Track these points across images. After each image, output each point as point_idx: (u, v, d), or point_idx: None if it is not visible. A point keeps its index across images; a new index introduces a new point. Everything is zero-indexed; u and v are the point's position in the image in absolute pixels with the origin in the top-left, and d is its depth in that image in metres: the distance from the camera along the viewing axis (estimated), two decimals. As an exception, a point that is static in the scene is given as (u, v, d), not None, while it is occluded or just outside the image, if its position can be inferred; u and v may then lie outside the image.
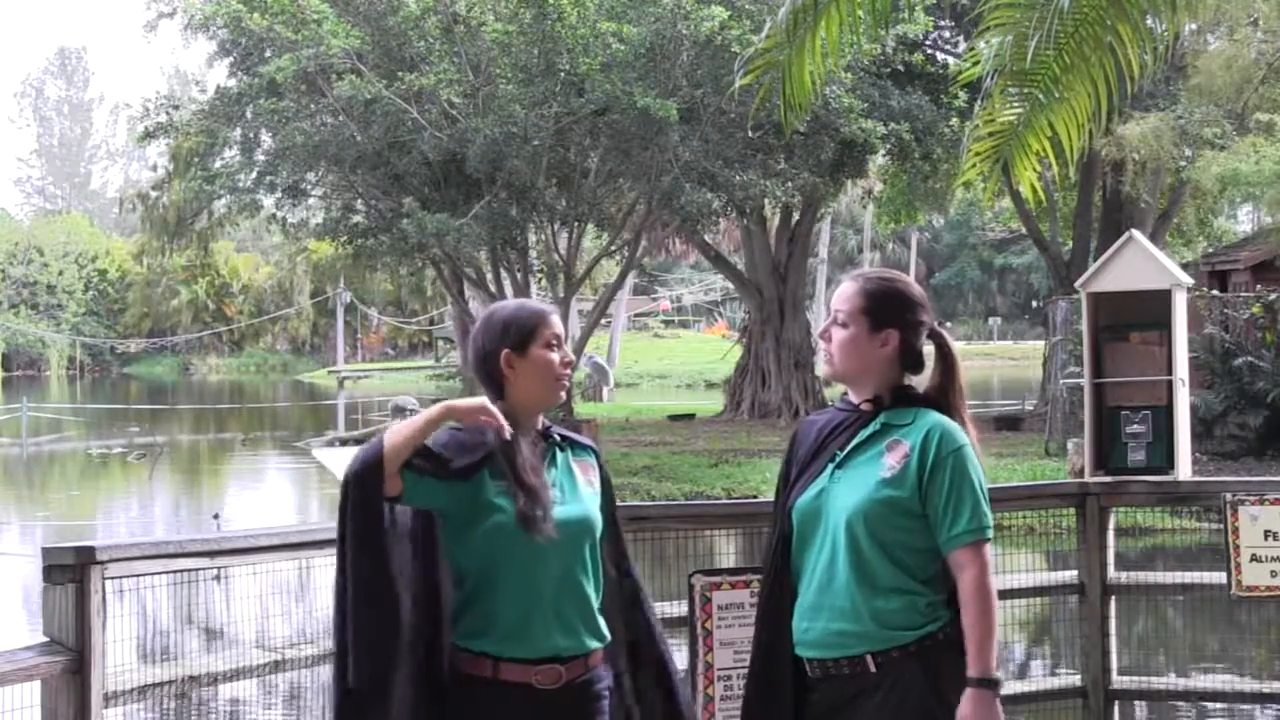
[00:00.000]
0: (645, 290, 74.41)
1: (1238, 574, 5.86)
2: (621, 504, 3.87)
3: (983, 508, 3.43)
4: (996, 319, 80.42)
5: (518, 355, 3.48)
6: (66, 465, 30.29)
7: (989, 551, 3.43)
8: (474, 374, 3.58)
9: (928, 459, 3.41)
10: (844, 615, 3.42)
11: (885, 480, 3.42)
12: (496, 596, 3.36)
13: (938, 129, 24.79)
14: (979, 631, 3.35)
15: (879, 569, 3.40)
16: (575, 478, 3.52)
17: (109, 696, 4.21)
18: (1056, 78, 6.46)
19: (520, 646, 3.35)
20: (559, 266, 21.80)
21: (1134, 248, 6.86)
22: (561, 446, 3.55)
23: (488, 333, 3.52)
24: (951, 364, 3.58)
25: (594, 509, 3.51)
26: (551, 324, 3.54)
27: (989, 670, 3.34)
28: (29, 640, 4.30)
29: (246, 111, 21.74)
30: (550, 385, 3.51)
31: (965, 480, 3.42)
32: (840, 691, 3.43)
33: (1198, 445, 15.01)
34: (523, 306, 3.60)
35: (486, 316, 3.59)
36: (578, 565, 3.43)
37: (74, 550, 4.17)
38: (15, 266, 76.44)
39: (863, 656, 3.39)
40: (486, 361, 3.50)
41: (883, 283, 3.60)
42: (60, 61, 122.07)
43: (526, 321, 3.51)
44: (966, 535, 3.39)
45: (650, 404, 38.55)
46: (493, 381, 3.49)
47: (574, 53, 19.06)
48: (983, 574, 3.40)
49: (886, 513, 3.41)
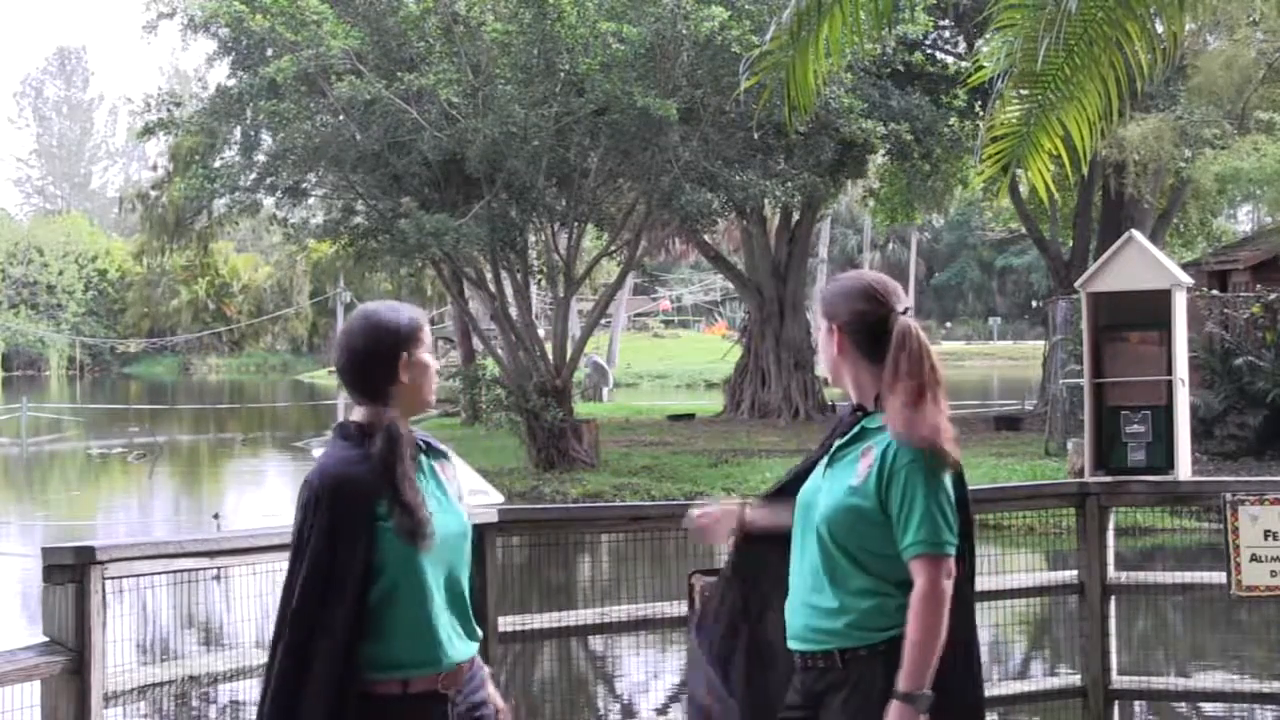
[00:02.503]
0: (645, 290, 74.38)
1: (1238, 574, 5.87)
2: (621, 504, 3.87)
3: (936, 521, 3.34)
4: (996, 319, 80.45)
5: (410, 359, 3.41)
6: (66, 465, 30.29)
7: (946, 566, 3.34)
8: (351, 381, 3.42)
9: (885, 468, 3.40)
10: (819, 612, 3.46)
11: (853, 488, 3.44)
12: (397, 613, 3.33)
13: (937, 129, 24.80)
14: (916, 644, 3.30)
15: (850, 571, 3.43)
16: (444, 483, 3.50)
17: (109, 696, 4.22)
18: (1067, 77, 6.47)
19: (427, 664, 3.34)
20: (559, 267, 21.78)
21: (1134, 248, 6.87)
22: (426, 452, 3.51)
23: (379, 337, 3.40)
24: (901, 345, 3.40)
25: (464, 514, 3.52)
26: (427, 326, 3.49)
27: (918, 686, 3.29)
28: (29, 640, 4.30)
29: (246, 111, 21.72)
30: (429, 390, 3.47)
31: (918, 491, 3.36)
32: (815, 684, 3.49)
33: (1197, 445, 15.01)
34: (399, 309, 3.48)
35: (373, 321, 3.43)
36: (462, 571, 3.45)
37: (74, 550, 4.17)
38: (15, 266, 76.47)
39: (832, 653, 3.43)
40: (379, 363, 3.39)
41: (833, 282, 3.64)
42: (60, 61, 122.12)
43: (412, 325, 3.43)
44: (914, 547, 3.35)
45: (650, 404, 38.55)
46: (382, 386, 3.39)
47: (574, 53, 19.04)
48: (931, 588, 3.32)
49: (853, 520, 3.42)
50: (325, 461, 3.35)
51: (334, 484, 3.29)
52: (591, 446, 21.87)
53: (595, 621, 5.67)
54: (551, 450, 21.29)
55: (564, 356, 22.17)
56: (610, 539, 6.03)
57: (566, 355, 22.26)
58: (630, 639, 10.02)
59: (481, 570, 5.26)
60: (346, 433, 3.40)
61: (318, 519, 3.27)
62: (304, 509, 3.30)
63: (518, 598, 6.82)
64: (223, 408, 47.22)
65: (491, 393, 22.56)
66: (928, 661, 3.30)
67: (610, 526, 6.01)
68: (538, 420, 21.12)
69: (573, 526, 6.15)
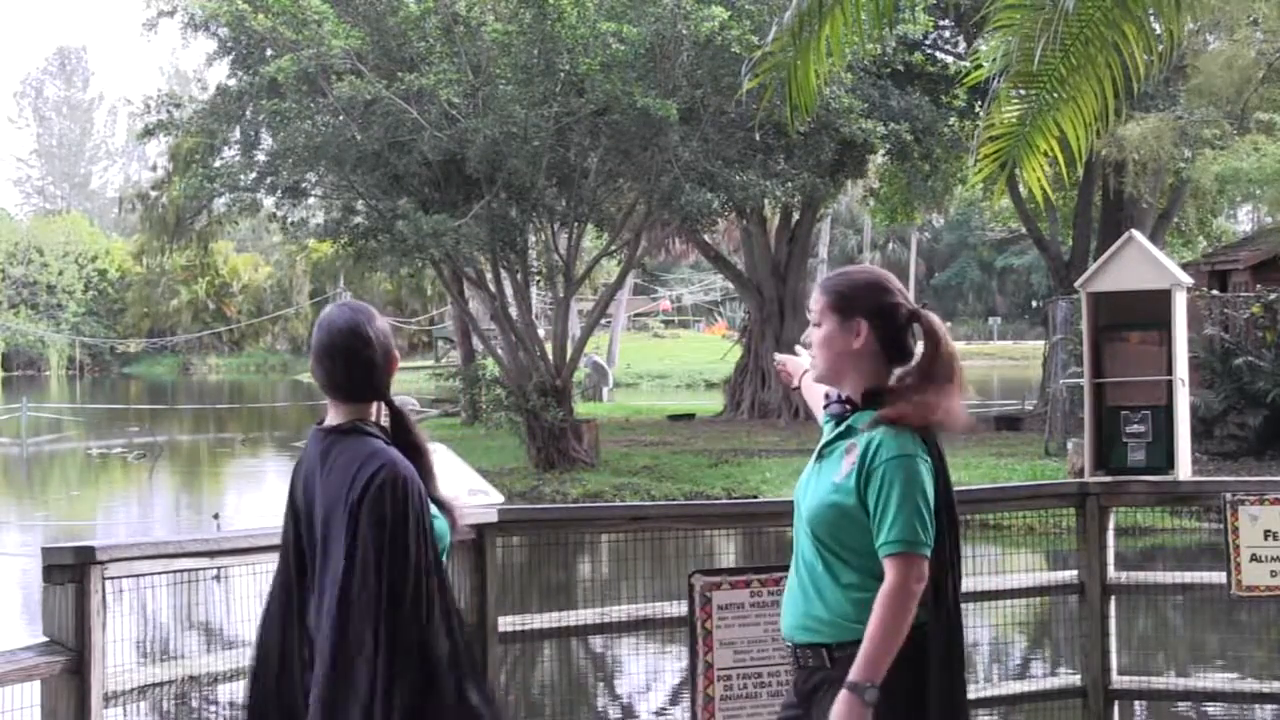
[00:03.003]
0: (645, 290, 74.35)
1: (1238, 574, 5.87)
2: (621, 504, 3.88)
3: (911, 520, 3.34)
4: (996, 319, 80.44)
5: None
6: (66, 465, 30.29)
7: (919, 566, 3.34)
8: (348, 389, 3.42)
9: (864, 466, 3.41)
10: (810, 605, 3.49)
11: (836, 485, 3.45)
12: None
13: (937, 129, 24.81)
14: (874, 638, 3.31)
15: (838, 567, 3.45)
16: None
17: (109, 696, 4.22)
18: (1063, 78, 6.47)
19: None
20: (559, 267, 21.78)
21: (1134, 248, 6.86)
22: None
23: (376, 342, 3.41)
24: (937, 343, 3.48)
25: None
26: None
27: (870, 678, 3.29)
28: (29, 640, 4.30)
29: (247, 111, 21.73)
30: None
31: (894, 491, 3.36)
32: (806, 683, 3.52)
33: (1197, 445, 15.02)
34: (370, 311, 3.49)
35: (365, 320, 3.44)
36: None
37: (74, 550, 4.17)
38: (15, 266, 76.45)
39: (821, 648, 3.45)
40: (381, 365, 3.42)
41: (846, 276, 3.61)
42: (60, 61, 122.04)
43: (387, 327, 3.49)
44: (889, 546, 3.35)
45: (650, 404, 38.56)
46: (384, 386, 3.43)
47: (574, 53, 19.04)
48: (900, 585, 3.32)
49: (835, 517, 3.44)
50: (392, 458, 3.33)
51: (414, 479, 3.33)
52: (591, 446, 21.88)
53: (595, 621, 5.67)
54: (551, 450, 21.29)
55: (564, 356, 22.17)
56: (610, 539, 6.02)
57: (566, 355, 22.27)
58: (630, 639, 10.01)
59: (481, 570, 5.27)
60: (376, 432, 3.41)
61: (410, 516, 3.29)
62: (394, 505, 3.28)
63: (518, 598, 6.83)
64: (223, 408, 47.21)
65: (491, 393, 22.57)
66: (883, 656, 3.30)
67: (610, 526, 6.00)
68: (538, 420, 21.12)
69: (573, 526, 6.15)
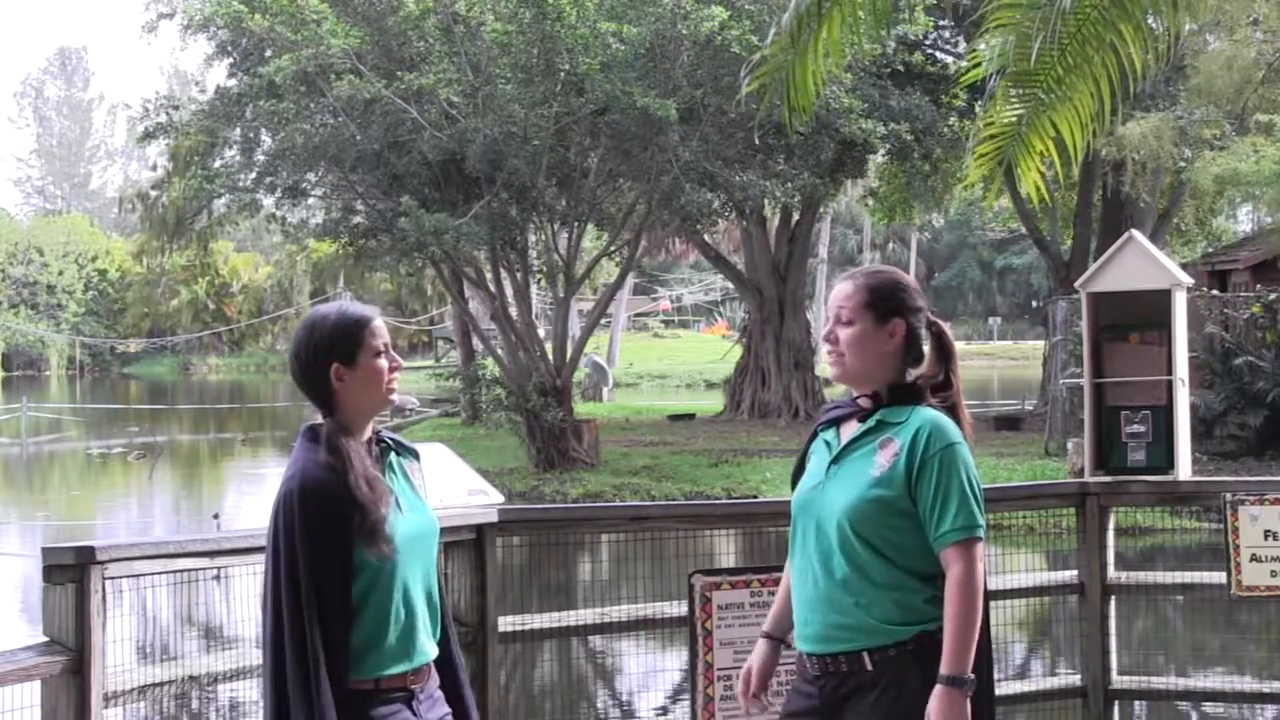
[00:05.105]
0: (645, 290, 74.40)
1: (1238, 574, 5.87)
2: (621, 504, 3.88)
3: (971, 506, 3.39)
4: (996, 319, 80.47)
5: (346, 368, 3.36)
6: (66, 465, 30.29)
7: (979, 550, 3.39)
8: (298, 385, 3.43)
9: (916, 457, 3.40)
10: (842, 611, 3.43)
11: (876, 479, 3.43)
12: (372, 610, 3.33)
13: (937, 129, 24.80)
14: (956, 630, 3.33)
15: (875, 566, 3.41)
16: (413, 482, 3.51)
17: (109, 696, 4.21)
18: (1060, 78, 6.45)
19: (400, 659, 3.35)
20: (559, 266, 21.78)
21: (1134, 248, 6.86)
22: (398, 451, 3.51)
23: (312, 346, 3.37)
24: (950, 353, 3.58)
25: (432, 513, 3.52)
26: (377, 331, 3.41)
27: (962, 670, 3.32)
28: (29, 640, 4.30)
29: (246, 112, 21.73)
30: (380, 394, 3.42)
31: (953, 478, 3.39)
32: (837, 690, 3.45)
33: (1198, 445, 15.01)
34: (345, 315, 3.42)
35: (309, 327, 3.41)
36: (432, 568, 3.47)
37: (74, 550, 4.16)
38: (15, 266, 76.44)
39: (860, 653, 3.41)
40: (312, 375, 3.38)
41: (881, 275, 3.63)
42: (60, 61, 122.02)
43: (351, 331, 3.37)
44: (953, 534, 3.37)
45: (650, 404, 38.56)
46: (320, 395, 3.38)
47: (574, 53, 19.04)
48: (968, 573, 3.35)
49: (878, 512, 3.41)
50: (302, 466, 3.32)
51: (313, 486, 3.27)
52: (591, 446, 21.87)
53: (595, 621, 5.66)
54: (551, 450, 21.29)
55: (564, 356, 22.17)
56: (610, 539, 6.03)
57: (566, 355, 22.26)
58: (630, 639, 10.03)
59: (481, 570, 5.27)
60: (313, 436, 3.38)
61: (299, 521, 3.24)
62: (286, 512, 3.27)
63: (518, 598, 6.83)
64: (223, 408, 47.21)
65: (491, 393, 22.56)
66: (969, 645, 3.32)
67: (610, 526, 6.00)
68: (538, 420, 21.12)
69: (573, 526, 6.14)
